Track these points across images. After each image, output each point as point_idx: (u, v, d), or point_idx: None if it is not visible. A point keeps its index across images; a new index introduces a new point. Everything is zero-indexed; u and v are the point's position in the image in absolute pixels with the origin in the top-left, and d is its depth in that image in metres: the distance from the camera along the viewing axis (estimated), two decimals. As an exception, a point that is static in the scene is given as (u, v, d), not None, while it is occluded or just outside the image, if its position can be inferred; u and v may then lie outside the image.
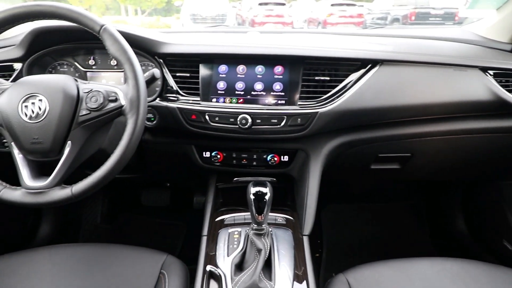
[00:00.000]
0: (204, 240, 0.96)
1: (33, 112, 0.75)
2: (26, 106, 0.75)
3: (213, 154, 1.12)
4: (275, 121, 0.99)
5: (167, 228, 1.78)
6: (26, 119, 0.75)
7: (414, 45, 1.16)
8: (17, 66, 1.01)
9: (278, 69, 1.01)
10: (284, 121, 0.99)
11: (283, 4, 11.82)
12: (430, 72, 1.02)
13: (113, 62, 1.09)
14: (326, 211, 1.79)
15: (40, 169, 0.80)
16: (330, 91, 1.00)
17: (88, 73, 1.09)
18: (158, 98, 1.03)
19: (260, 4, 11.21)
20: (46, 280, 0.87)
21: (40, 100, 0.75)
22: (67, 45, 1.06)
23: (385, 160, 1.21)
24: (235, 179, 1.17)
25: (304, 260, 0.89)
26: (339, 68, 1.02)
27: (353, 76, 1.01)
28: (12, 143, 0.77)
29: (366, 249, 1.71)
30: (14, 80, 1.00)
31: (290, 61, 1.01)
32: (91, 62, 1.08)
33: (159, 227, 1.79)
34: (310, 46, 1.04)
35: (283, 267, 0.84)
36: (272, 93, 1.01)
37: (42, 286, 0.85)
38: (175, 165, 1.26)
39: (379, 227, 1.82)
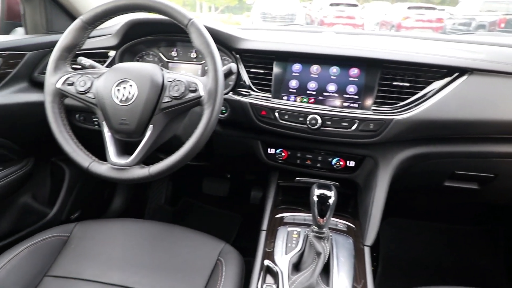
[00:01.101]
0: (263, 234, 0.97)
1: (123, 95, 0.82)
2: (118, 90, 0.82)
3: (277, 151, 1.13)
4: (346, 124, 0.96)
5: (223, 217, 1.85)
6: (117, 101, 0.82)
7: (509, 55, 1.05)
8: (111, 53, 1.12)
9: (354, 71, 0.98)
10: (355, 125, 0.96)
11: (356, 6, 11.43)
12: None
13: (193, 55, 1.15)
14: (386, 224, 1.70)
15: (124, 148, 0.88)
16: (409, 98, 0.94)
17: (169, 64, 1.17)
18: (231, 92, 1.06)
19: (332, 4, 10.97)
20: (117, 248, 0.96)
21: (131, 85, 0.82)
22: (154, 36, 1.14)
23: (462, 178, 1.11)
24: (297, 178, 1.17)
25: (365, 272, 0.86)
26: (421, 74, 0.95)
27: (436, 84, 0.94)
28: (104, 122, 0.86)
29: (425, 270, 1.59)
30: (108, 66, 1.11)
31: (368, 64, 0.97)
32: (174, 53, 1.16)
33: (216, 215, 1.86)
34: (390, 49, 0.99)
35: (342, 275, 0.82)
36: (344, 95, 0.98)
37: (113, 253, 0.94)
38: (239, 158, 1.29)
39: (444, 250, 1.68)
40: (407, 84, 0.95)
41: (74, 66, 0.92)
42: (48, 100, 0.86)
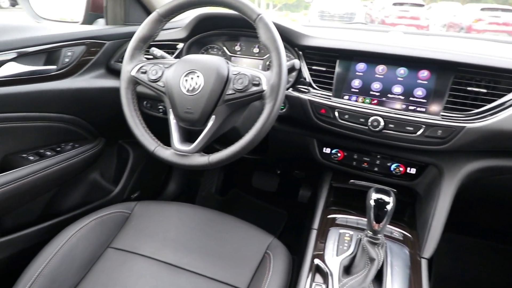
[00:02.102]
0: (314, 233, 0.96)
1: (190, 86, 0.86)
2: (186, 80, 0.86)
3: (333, 151, 1.11)
4: (411, 129, 0.91)
5: (269, 212, 1.86)
6: (184, 91, 0.86)
7: None
8: (180, 45, 1.18)
9: (424, 73, 0.93)
10: (421, 131, 0.90)
11: (421, 6, 10.73)
12: None
13: (255, 50, 1.17)
14: (443, 239, 1.59)
15: (186, 136, 0.92)
16: (485, 105, 0.87)
17: (232, 58, 1.20)
18: (290, 88, 1.06)
19: (395, 4, 10.41)
20: (172, 229, 1.01)
21: (198, 76, 0.86)
22: (220, 30, 1.18)
23: None
24: (351, 181, 1.14)
25: (421, 287, 0.81)
26: (500, 80, 0.87)
27: None
28: (170, 110, 0.90)
29: None
30: (176, 57, 1.17)
31: (440, 66, 0.91)
32: (237, 48, 1.18)
33: (262, 210, 1.89)
34: (466, 52, 0.92)
35: (396, 285, 0.79)
36: (411, 98, 0.94)
37: (169, 233, 0.99)
38: (293, 155, 1.29)
39: (506, 274, 1.53)
40: (484, 90, 0.88)
41: (146, 56, 0.98)
42: (123, 86, 0.92)
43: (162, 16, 0.91)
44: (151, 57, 1.02)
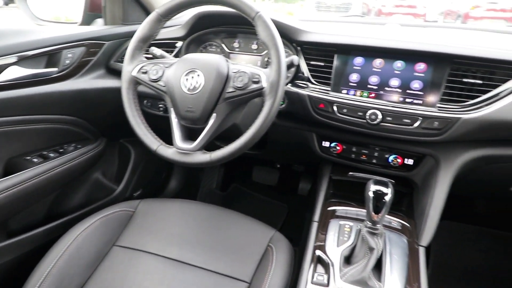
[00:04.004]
0: (315, 225, 0.99)
1: (191, 85, 0.87)
2: (187, 79, 0.88)
3: (332, 144, 1.13)
4: (408, 121, 0.93)
5: (270, 206, 1.89)
6: (185, 90, 0.87)
7: None
8: (179, 43, 1.19)
9: (420, 66, 0.94)
10: (418, 123, 0.92)
11: (418, -7, 10.65)
12: None
13: (254, 47, 1.18)
14: (440, 227, 1.62)
15: (188, 134, 0.94)
16: (480, 96, 0.89)
17: (231, 54, 1.21)
18: (289, 84, 1.08)
19: (392, -8, 10.34)
20: (176, 226, 1.03)
21: (198, 75, 0.87)
22: (218, 28, 1.19)
23: None
24: (350, 173, 1.16)
25: (419, 273, 0.84)
26: (496, 71, 0.89)
27: None
28: (171, 108, 0.91)
29: (480, 279, 1.50)
30: (176, 55, 1.18)
31: (436, 59, 0.93)
32: (236, 45, 1.19)
33: (263, 203, 1.91)
34: (461, 44, 0.93)
35: (395, 273, 0.81)
36: (408, 91, 0.95)
37: (173, 230, 1.02)
38: (293, 149, 1.31)
39: (502, 259, 1.57)
40: (480, 82, 0.89)
41: (146, 55, 0.99)
42: (124, 87, 0.94)
43: (161, 16, 0.92)
44: (151, 56, 1.03)
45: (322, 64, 1.04)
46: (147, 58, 0.97)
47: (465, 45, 0.93)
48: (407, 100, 0.95)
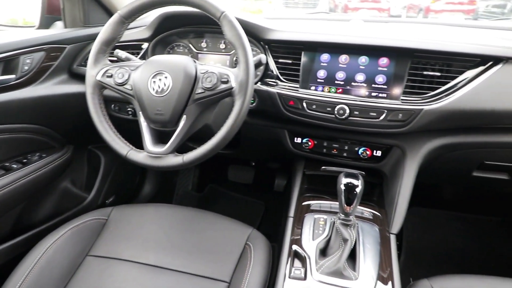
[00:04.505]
0: (290, 221, 1.00)
1: (159, 87, 0.86)
2: (154, 82, 0.86)
3: (304, 140, 1.15)
4: (374, 114, 0.97)
5: (247, 204, 1.90)
6: (153, 93, 0.86)
7: None
8: (145, 45, 1.17)
9: (383, 61, 0.98)
10: (383, 115, 0.96)
11: (382, -12, 10.97)
12: None
13: (222, 46, 1.17)
14: (410, 213, 1.69)
15: (159, 137, 0.92)
16: (439, 87, 0.94)
17: (199, 55, 1.20)
18: (259, 82, 1.08)
19: (357, -12, 10.58)
20: (151, 231, 1.01)
21: (166, 77, 0.86)
22: (185, 28, 1.17)
23: (492, 169, 1.10)
24: (323, 167, 1.19)
25: (390, 260, 0.88)
26: (452, 63, 0.94)
27: (469, 74, 0.92)
28: (140, 112, 0.90)
29: (449, 260, 1.59)
30: (142, 57, 1.16)
31: (398, 53, 0.96)
32: (203, 44, 1.19)
33: (240, 202, 1.92)
34: (421, 38, 0.98)
35: (368, 261, 0.84)
36: (373, 85, 0.99)
37: (148, 235, 1.00)
38: (265, 147, 1.32)
39: (469, 240, 1.66)
40: (438, 74, 0.94)
41: (111, 58, 0.97)
42: (89, 92, 0.91)
43: (124, 17, 0.89)
44: (116, 59, 1.00)
45: (290, 61, 1.05)
46: (111, 61, 0.94)
47: (424, 39, 0.97)
48: (373, 94, 0.99)
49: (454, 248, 1.64)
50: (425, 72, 0.95)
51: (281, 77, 1.06)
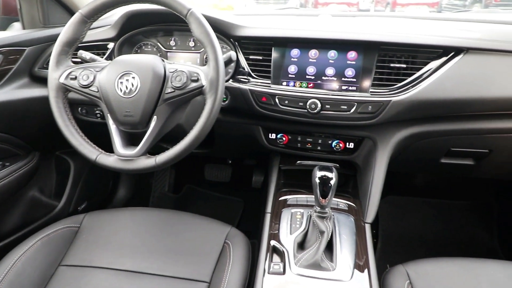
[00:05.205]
0: (268, 217, 1.01)
1: (127, 88, 0.83)
2: (121, 83, 0.84)
3: (278, 136, 1.15)
4: (345, 107, 0.98)
5: (226, 202, 1.89)
6: (121, 94, 0.83)
7: (504, 32, 1.06)
8: (110, 45, 1.13)
9: (352, 54, 0.99)
10: (354, 108, 0.98)
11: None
12: None
13: (191, 44, 1.16)
14: (385, 202, 1.75)
15: (129, 139, 0.90)
16: (406, 79, 0.96)
17: (168, 53, 1.17)
18: (230, 80, 1.08)
19: (326, -17, 10.73)
20: (127, 236, 0.99)
21: (133, 77, 0.83)
22: (152, 27, 1.15)
23: (458, 155, 1.15)
24: (298, 162, 1.20)
25: (366, 248, 0.90)
26: (417, 55, 0.97)
27: (433, 64, 0.95)
28: (108, 114, 0.87)
29: (423, 245, 1.66)
30: (108, 58, 1.12)
31: (365, 47, 0.98)
32: (172, 43, 1.16)
33: (219, 201, 1.91)
34: (387, 31, 1.00)
35: (345, 251, 0.86)
36: (343, 78, 1.00)
37: (124, 240, 0.97)
38: (240, 144, 1.32)
39: (441, 225, 1.74)
40: (404, 66, 0.97)
41: (74, 60, 0.93)
42: (52, 95, 0.87)
43: (86, 16, 0.86)
44: (80, 61, 0.97)
45: (261, 58, 1.05)
46: (75, 62, 0.91)
47: (389, 32, 0.99)
48: (343, 87, 1.00)
49: (429, 233, 1.70)
50: (391, 64, 0.97)
51: (252, 74, 1.06)
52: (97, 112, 1.17)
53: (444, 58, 0.95)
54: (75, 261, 0.92)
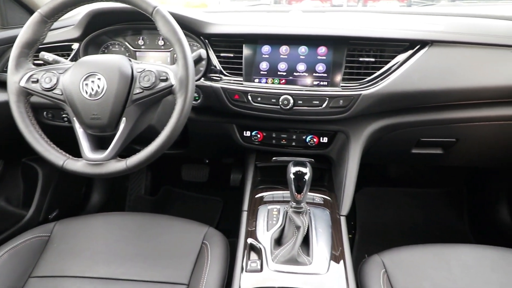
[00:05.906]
0: (244, 215, 1.00)
1: (92, 90, 0.81)
2: (86, 84, 0.81)
3: (253, 133, 1.15)
4: (317, 102, 0.99)
5: (205, 202, 1.87)
6: (86, 96, 0.81)
7: (467, 25, 1.10)
8: (75, 46, 1.08)
9: (322, 49, 1.00)
10: (325, 103, 0.99)
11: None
12: (484, 54, 0.97)
13: (160, 43, 1.13)
14: (361, 194, 1.78)
15: (98, 143, 0.87)
16: (375, 72, 0.98)
17: (137, 53, 1.14)
18: (202, 78, 1.06)
19: (299, -21, 10.81)
20: (101, 243, 0.96)
21: (99, 78, 0.81)
22: (119, 25, 1.11)
23: (428, 145, 1.19)
24: (274, 158, 1.20)
25: (341, 240, 0.91)
26: (385, 49, 0.99)
27: (400, 58, 0.98)
28: (74, 118, 0.84)
29: (400, 233, 1.71)
30: (72, 59, 1.08)
31: (334, 42, 0.99)
32: (140, 42, 1.13)
33: (198, 201, 1.89)
34: (355, 26, 1.02)
35: (321, 244, 0.87)
36: (314, 74, 1.01)
37: (97, 247, 0.94)
38: (216, 143, 1.30)
39: (415, 213, 1.80)
40: (373, 59, 0.98)
41: (36, 62, 0.89)
42: (12, 100, 0.83)
43: (45, 16, 0.82)
44: (42, 63, 0.92)
45: (232, 55, 1.04)
46: (37, 65, 0.87)
47: (358, 27, 1.01)
48: (315, 82, 1.01)
49: (404, 222, 1.75)
50: (361, 59, 0.99)
51: (224, 72, 1.05)
52: (63, 116, 1.13)
53: (411, 51, 0.97)
54: (46, 271, 0.88)
